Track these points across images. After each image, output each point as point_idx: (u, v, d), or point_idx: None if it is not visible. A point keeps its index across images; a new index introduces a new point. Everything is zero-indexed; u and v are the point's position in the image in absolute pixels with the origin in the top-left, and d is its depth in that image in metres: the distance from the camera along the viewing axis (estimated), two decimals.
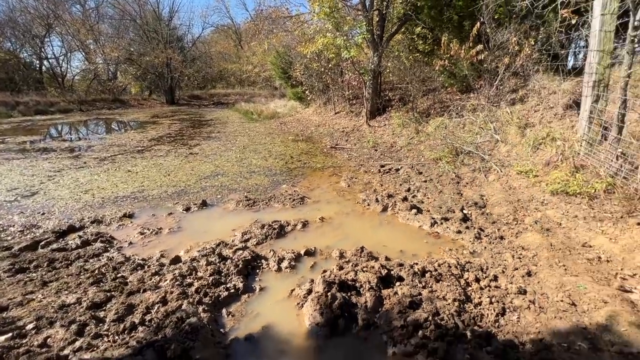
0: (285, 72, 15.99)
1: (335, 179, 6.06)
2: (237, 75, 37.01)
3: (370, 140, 8.73)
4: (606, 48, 4.23)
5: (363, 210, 4.54)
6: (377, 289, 2.63)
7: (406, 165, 6.50)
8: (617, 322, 2.18)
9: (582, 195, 3.95)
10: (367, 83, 10.43)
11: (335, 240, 3.71)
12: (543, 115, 5.82)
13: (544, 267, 2.91)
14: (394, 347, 2.13)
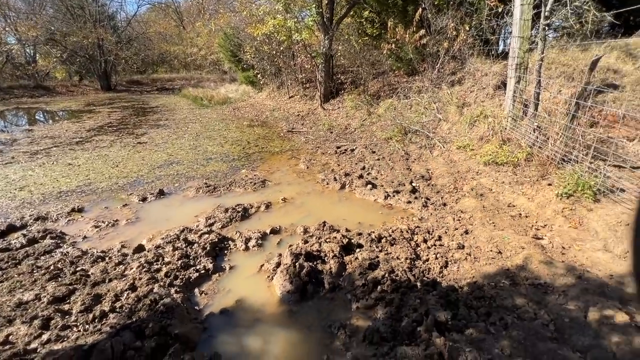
0: (235, 55, 15.41)
1: (294, 162, 6.21)
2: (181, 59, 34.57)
3: (326, 123, 8.95)
4: (525, 35, 4.84)
5: (323, 189, 4.79)
6: (339, 256, 2.90)
7: (360, 145, 6.86)
8: (530, 262, 2.70)
9: (508, 164, 4.59)
10: (319, 66, 10.54)
11: (299, 218, 3.91)
12: (477, 95, 6.49)
13: (478, 226, 3.41)
14: (357, 302, 2.43)
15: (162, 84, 30.07)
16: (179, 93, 21.20)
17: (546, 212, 3.53)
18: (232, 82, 21.19)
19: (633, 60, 5.94)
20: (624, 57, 6.02)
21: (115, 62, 27.00)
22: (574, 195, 3.52)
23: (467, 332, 1.99)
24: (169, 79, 32.21)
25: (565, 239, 3.07)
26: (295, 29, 9.19)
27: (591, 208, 3.35)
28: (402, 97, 8.16)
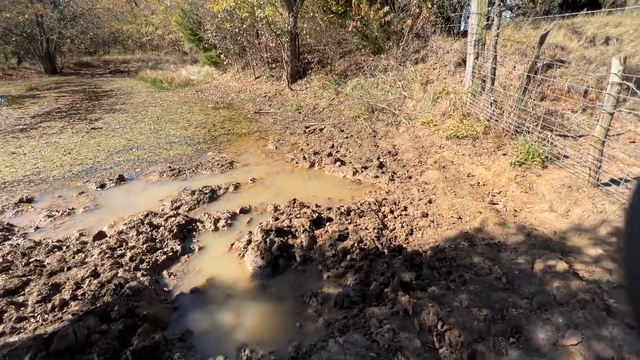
0: (195, 33, 14.53)
1: (262, 143, 6.10)
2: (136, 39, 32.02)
3: (294, 103, 8.82)
4: (482, 11, 4.99)
5: (292, 168, 4.78)
6: (310, 230, 2.95)
7: (329, 124, 6.86)
8: (486, 225, 2.91)
9: (468, 138, 4.82)
10: (285, 45, 10.24)
11: (269, 197, 3.90)
12: (440, 72, 6.67)
13: (441, 195, 3.60)
14: (328, 272, 2.50)
15: (116, 66, 27.81)
16: (136, 76, 19.77)
17: (501, 180, 3.78)
18: (193, 63, 20.08)
19: (578, 38, 6.37)
20: (571, 34, 6.43)
21: (59, 42, 24.44)
22: (526, 163, 3.80)
23: (430, 290, 2.13)
24: (123, 60, 29.82)
25: (517, 203, 3.32)
26: (257, 4, 8.79)
27: (540, 174, 3.63)
28: (368, 75, 8.20)
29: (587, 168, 3.23)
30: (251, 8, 9.00)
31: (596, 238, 2.60)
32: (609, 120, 2.95)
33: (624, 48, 6.33)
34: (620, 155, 3.75)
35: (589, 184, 3.17)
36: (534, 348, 1.72)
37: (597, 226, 2.71)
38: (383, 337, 1.75)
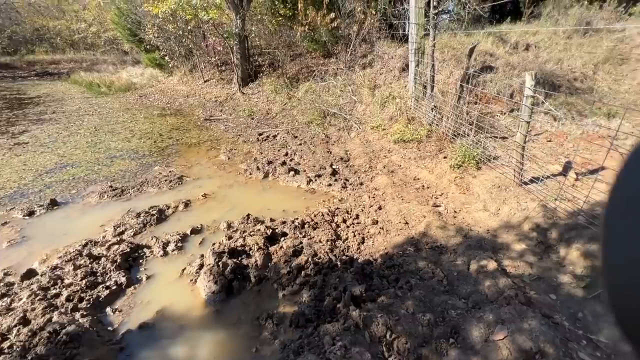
0: (134, 34, 13.53)
1: (214, 153, 5.92)
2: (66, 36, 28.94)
3: (246, 108, 8.65)
4: (420, 22, 5.31)
5: (246, 180, 4.70)
6: (264, 247, 2.95)
7: (282, 130, 6.85)
8: (430, 228, 3.14)
9: (413, 141, 5.13)
10: (234, 48, 9.98)
11: (222, 213, 3.81)
12: (386, 77, 6.98)
13: (389, 201, 3.79)
14: (284, 290, 2.53)
15: (43, 67, 24.90)
16: (68, 79, 17.93)
17: (443, 182, 4.09)
18: (135, 64, 18.70)
19: (504, 45, 7.05)
20: (497, 42, 7.10)
21: None
22: (463, 165, 4.14)
23: (380, 300, 2.26)
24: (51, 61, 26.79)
25: (456, 204, 3.62)
26: (201, 7, 8.44)
27: (475, 175, 3.99)
28: (319, 79, 8.31)
29: (512, 169, 3.62)
30: (194, 10, 8.61)
31: (521, 234, 2.94)
32: (526, 127, 3.33)
33: (540, 54, 7.14)
34: (539, 154, 4.25)
35: (515, 184, 3.56)
36: (469, 346, 1.92)
37: (522, 223, 3.06)
38: (336, 355, 1.83)
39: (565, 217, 2.93)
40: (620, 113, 5.08)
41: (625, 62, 6.72)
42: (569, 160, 3.82)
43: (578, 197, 3.13)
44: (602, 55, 6.77)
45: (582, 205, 2.94)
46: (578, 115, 5.39)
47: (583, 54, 6.89)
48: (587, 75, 6.54)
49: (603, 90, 6.16)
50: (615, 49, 6.89)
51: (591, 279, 2.31)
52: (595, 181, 2.95)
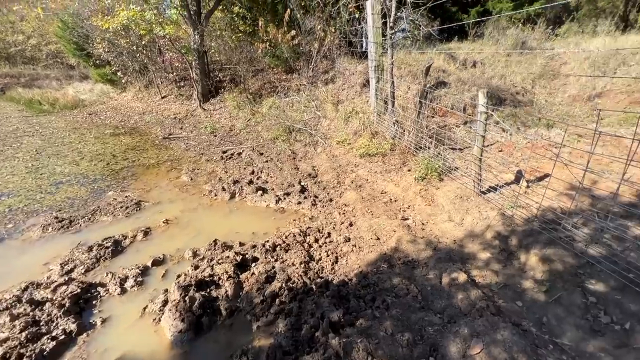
0: (82, 48, 12.66)
1: (175, 174, 5.61)
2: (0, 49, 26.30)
3: (208, 125, 8.38)
4: (378, 41, 5.54)
5: (211, 202, 4.49)
6: (235, 276, 2.80)
7: (247, 148, 6.70)
8: (401, 243, 3.19)
9: (378, 155, 5.26)
10: (192, 63, 9.70)
11: (186, 240, 3.58)
12: (348, 92, 7.16)
13: (360, 216, 3.82)
14: (258, 321, 2.40)
15: None
16: (3, 96, 16.22)
17: (409, 195, 4.21)
18: (83, 79, 17.46)
19: (454, 62, 7.58)
20: (448, 59, 7.61)
21: None
22: (426, 177, 4.31)
23: (358, 323, 2.22)
24: None
25: (423, 216, 3.74)
26: (156, 22, 8.13)
27: (438, 187, 4.17)
28: (282, 95, 8.31)
29: (471, 180, 3.83)
30: (149, 25, 8.27)
31: (484, 242, 3.08)
32: (482, 141, 3.55)
33: (486, 70, 7.78)
34: (493, 164, 4.56)
35: (475, 194, 3.76)
36: None
37: (484, 231, 3.22)
38: None
39: (521, 224, 3.13)
40: (557, 123, 5.63)
41: (556, 77, 7.51)
42: (519, 170, 4.13)
43: (531, 204, 3.38)
44: (537, 71, 7.53)
45: (535, 212, 3.17)
46: (523, 126, 5.90)
47: (522, 70, 7.62)
48: (527, 90, 7.22)
49: (541, 103, 6.83)
50: (547, 66, 7.70)
51: (550, 283, 2.46)
52: (544, 188, 3.20)
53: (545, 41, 8.92)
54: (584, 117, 6.08)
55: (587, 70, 7.07)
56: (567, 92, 6.91)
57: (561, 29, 9.84)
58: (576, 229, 2.94)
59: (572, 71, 7.34)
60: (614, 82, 6.55)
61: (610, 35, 8.51)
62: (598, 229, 2.86)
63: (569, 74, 7.32)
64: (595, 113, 6.01)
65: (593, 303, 2.22)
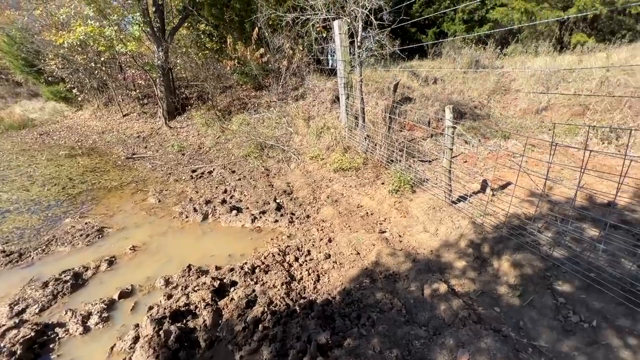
0: (31, 64, 11.81)
1: (141, 196, 5.29)
2: None
3: (175, 143, 8.07)
4: (346, 59, 5.73)
5: (182, 225, 4.28)
6: (213, 303, 2.65)
7: (218, 166, 6.52)
8: (381, 256, 3.22)
9: (352, 169, 5.34)
10: (157, 80, 9.39)
11: (157, 267, 3.35)
12: (319, 109, 7.27)
13: (338, 232, 3.82)
14: (240, 350, 2.27)
15: None
16: None
17: (384, 208, 4.29)
18: (33, 97, 16.18)
19: (417, 79, 8.01)
20: (412, 76, 8.04)
21: None
22: (400, 190, 4.43)
23: (346, 344, 2.18)
24: None
25: (400, 228, 3.81)
26: (117, 38, 7.81)
27: (411, 198, 4.29)
28: (252, 111, 8.26)
29: (442, 191, 4.00)
30: (109, 42, 7.93)
31: (459, 251, 3.20)
32: (450, 153, 3.74)
33: (446, 86, 8.30)
34: (460, 174, 4.80)
35: (446, 204, 3.92)
36: None
37: (458, 240, 3.35)
38: None
39: (491, 231, 3.29)
40: (513, 135, 6.09)
41: (508, 92, 8.17)
42: (484, 179, 4.39)
43: (498, 211, 3.58)
44: (491, 87, 8.15)
45: (503, 219, 3.36)
46: (483, 138, 6.30)
47: (478, 86, 8.22)
48: (483, 104, 7.78)
49: (497, 116, 7.37)
50: (499, 82, 8.37)
51: (522, 287, 2.60)
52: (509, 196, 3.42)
53: (495, 60, 9.74)
54: (535, 128, 6.64)
55: (533, 86, 7.78)
56: (519, 106, 7.53)
57: (508, 49, 10.82)
58: (540, 233, 3.15)
59: (520, 87, 8.04)
60: (557, 97, 7.25)
61: (549, 55, 9.48)
62: (559, 232, 3.08)
63: (519, 89, 8.00)
64: (544, 124, 6.59)
65: (562, 303, 2.36)
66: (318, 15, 5.22)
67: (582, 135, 5.83)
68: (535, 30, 11.61)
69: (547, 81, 7.73)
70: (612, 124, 5.73)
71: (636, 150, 4.99)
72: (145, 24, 8.25)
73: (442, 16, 12.06)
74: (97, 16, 7.41)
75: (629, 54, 7.77)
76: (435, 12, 11.40)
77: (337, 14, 5.45)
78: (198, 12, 8.64)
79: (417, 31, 12.44)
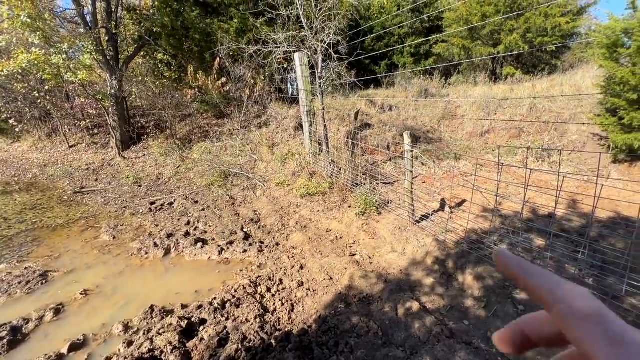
0: None
1: (92, 234, 4.86)
2: None
3: (130, 175, 7.61)
4: (308, 88, 5.98)
5: (142, 262, 3.97)
6: (181, 345, 2.46)
7: (180, 196, 6.24)
8: (354, 280, 3.25)
9: (318, 194, 5.42)
10: (110, 109, 8.94)
11: (114, 311, 3.05)
12: (282, 136, 7.39)
13: (309, 258, 3.80)
14: None
15: None
16: None
17: (353, 230, 4.38)
18: None
19: (374, 106, 8.53)
20: (369, 104, 8.55)
21: None
22: (366, 212, 4.57)
23: None
24: None
25: (369, 250, 3.90)
26: (65, 67, 7.41)
27: (378, 220, 4.44)
28: (215, 140, 8.14)
29: (406, 211, 4.20)
30: (56, 70, 7.48)
31: (427, 268, 3.34)
32: (411, 175, 3.98)
33: (401, 113, 8.92)
34: (420, 194, 5.09)
35: (410, 223, 4.11)
36: None
37: (425, 258, 3.50)
38: None
39: (453, 247, 3.50)
40: (464, 156, 6.65)
41: (455, 118, 8.99)
42: (443, 198, 4.70)
43: (457, 227, 3.84)
44: (440, 113, 8.91)
45: (462, 235, 3.60)
46: (437, 160, 6.80)
47: (428, 113, 8.94)
48: (435, 128, 8.45)
49: (447, 139, 8.02)
50: (447, 109, 9.19)
51: (486, 298, 2.77)
52: (466, 213, 3.69)
53: (442, 89, 10.73)
54: (481, 149, 7.32)
55: (476, 112, 8.66)
56: (465, 130, 8.29)
57: (452, 79, 12.01)
58: (496, 245, 3.42)
59: (465, 113, 8.89)
60: (496, 122, 8.12)
61: (486, 85, 10.69)
62: (512, 244, 3.37)
63: (464, 115, 8.85)
64: (488, 146, 7.30)
65: (522, 311, 2.55)
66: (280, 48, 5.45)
67: (520, 154, 6.54)
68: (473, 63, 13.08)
69: (487, 107, 8.65)
70: (543, 145, 6.51)
71: (565, 167, 5.70)
72: (98, 52, 7.95)
73: (393, 50, 13.16)
74: (43, 44, 7.00)
75: (549, 84, 9.03)
76: (385, 47, 12.42)
77: (298, 46, 5.73)
78: (155, 41, 8.55)
79: (371, 63, 13.39)
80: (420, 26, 12.97)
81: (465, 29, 10.78)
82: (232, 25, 8.23)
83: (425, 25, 13.06)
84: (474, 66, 13.17)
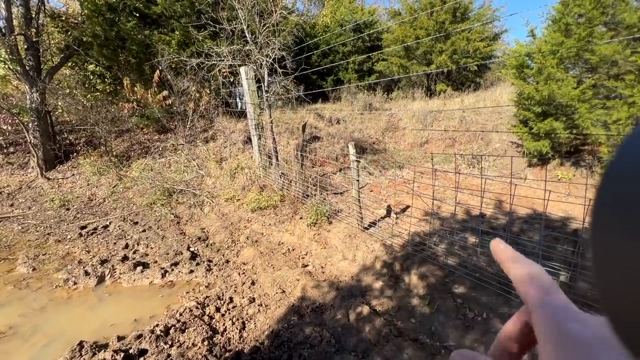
0: None
1: (5, 267, 4.19)
2: None
3: (56, 198, 6.76)
4: (255, 102, 5.96)
5: (69, 294, 3.52)
6: None
7: (116, 218, 5.70)
8: (306, 290, 3.25)
9: (269, 208, 5.36)
10: (29, 125, 7.93)
11: (33, 354, 2.64)
12: (231, 150, 7.22)
13: (261, 272, 3.71)
14: None
15: None
16: None
17: (304, 241, 4.39)
18: None
19: (322, 120, 8.78)
20: (318, 117, 8.78)
21: None
22: (317, 222, 4.63)
23: None
24: None
25: (321, 260, 3.94)
26: None
27: (329, 229, 4.52)
28: (157, 156, 7.65)
29: (355, 219, 4.35)
30: None
31: (376, 273, 3.47)
32: (358, 184, 4.15)
33: (348, 126, 9.29)
34: (368, 202, 5.31)
35: (359, 230, 4.26)
36: None
37: (374, 263, 3.63)
38: None
39: (399, 250, 3.70)
40: (406, 165, 7.12)
41: (397, 130, 9.62)
42: (388, 205, 4.96)
43: (402, 232, 4.06)
44: (383, 125, 9.47)
45: (407, 238, 3.83)
46: (382, 169, 7.18)
47: (373, 125, 9.45)
48: (379, 140, 8.94)
49: (391, 149, 8.54)
50: (389, 122, 9.80)
51: (429, 295, 2.95)
52: (409, 217, 3.94)
53: (384, 103, 11.46)
54: (421, 158, 7.91)
55: (415, 124, 9.37)
56: (407, 141, 8.91)
57: (392, 94, 12.90)
58: (436, 246, 3.69)
59: (405, 125, 9.58)
60: (433, 133, 8.88)
61: (423, 99, 11.67)
62: (450, 243, 3.66)
63: (405, 127, 9.52)
64: (427, 155, 7.93)
65: (461, 304, 2.76)
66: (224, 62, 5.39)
67: (454, 162, 7.20)
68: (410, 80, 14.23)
69: (424, 120, 9.41)
70: (472, 152, 7.25)
71: (491, 171, 6.40)
72: (14, 62, 7.08)
73: (338, 66, 13.78)
74: None
75: (475, 99, 10.16)
76: (331, 63, 12.96)
77: (243, 60, 5.72)
78: (86, 52, 7.87)
79: (318, 78, 13.84)
80: (362, 45, 13.81)
81: (402, 49, 11.74)
82: (173, 38, 7.94)
83: (367, 44, 13.94)
84: (412, 83, 14.32)
